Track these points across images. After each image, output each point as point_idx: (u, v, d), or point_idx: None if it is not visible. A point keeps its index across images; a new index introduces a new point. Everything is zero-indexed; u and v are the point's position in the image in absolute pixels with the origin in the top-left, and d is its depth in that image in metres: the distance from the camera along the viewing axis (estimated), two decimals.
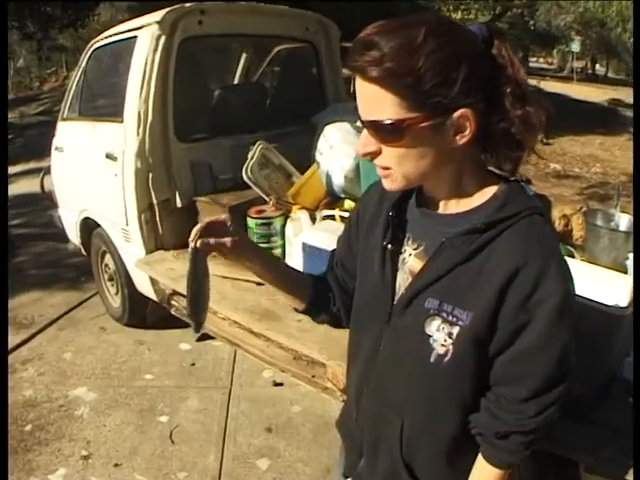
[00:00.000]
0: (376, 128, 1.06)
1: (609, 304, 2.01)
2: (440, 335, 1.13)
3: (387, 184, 1.15)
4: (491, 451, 1.19)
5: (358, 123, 1.09)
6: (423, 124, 1.03)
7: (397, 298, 1.24)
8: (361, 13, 13.66)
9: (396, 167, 1.09)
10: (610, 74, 28.18)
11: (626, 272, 2.62)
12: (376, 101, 1.03)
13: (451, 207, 1.18)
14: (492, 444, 1.18)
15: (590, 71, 28.67)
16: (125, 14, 14.97)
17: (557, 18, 12.51)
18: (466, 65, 1.02)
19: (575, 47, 17.02)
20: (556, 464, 2.01)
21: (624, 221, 2.93)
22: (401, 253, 1.26)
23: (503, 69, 1.09)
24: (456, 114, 1.03)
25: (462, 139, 1.06)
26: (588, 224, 2.86)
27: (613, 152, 11.65)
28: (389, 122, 1.03)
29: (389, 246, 1.26)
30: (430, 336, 1.15)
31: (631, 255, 2.66)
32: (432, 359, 1.15)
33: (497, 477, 1.19)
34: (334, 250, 1.55)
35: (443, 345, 1.13)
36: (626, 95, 18.07)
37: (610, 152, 11.63)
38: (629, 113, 15.58)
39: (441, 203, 1.20)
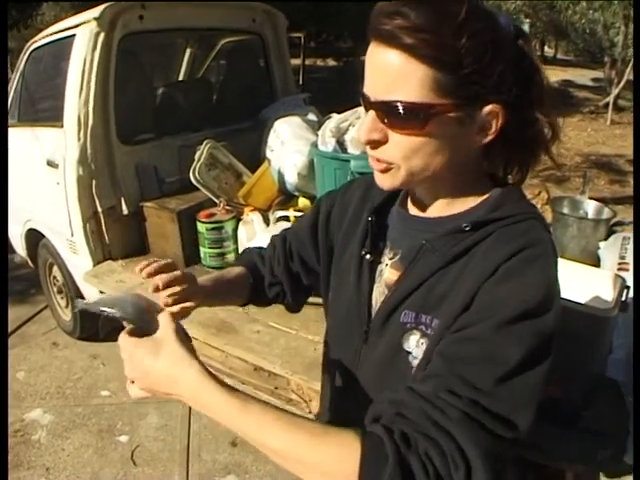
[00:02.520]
0: (392, 111, 0.89)
1: (593, 305, 1.93)
2: (420, 350, 0.99)
3: (383, 180, 1.00)
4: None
5: (360, 110, 0.93)
6: (451, 114, 0.89)
7: (374, 315, 1.09)
8: (306, 3, 13.56)
9: (402, 162, 0.94)
10: (559, 55, 28.50)
11: (597, 262, 2.57)
12: (401, 77, 0.87)
13: (439, 210, 1.05)
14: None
15: (539, 53, 29.06)
16: (69, 13, 14.63)
17: (507, 2, 12.53)
18: (503, 57, 0.90)
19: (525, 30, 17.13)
20: (541, 472, 1.93)
21: (592, 208, 2.86)
22: (380, 263, 1.12)
23: (531, 70, 0.97)
24: (486, 109, 0.91)
25: (484, 138, 0.95)
26: (555, 212, 2.79)
27: (567, 133, 11.70)
28: (413, 105, 0.87)
29: (367, 256, 1.12)
30: (409, 352, 1.00)
31: (603, 244, 2.60)
32: (413, 377, 1.00)
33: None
34: (285, 237, 1.40)
35: None
36: (576, 76, 18.33)
37: (563, 133, 11.52)
38: (580, 94, 15.77)
39: (429, 206, 1.06)
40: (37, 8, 17.97)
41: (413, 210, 1.10)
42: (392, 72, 0.88)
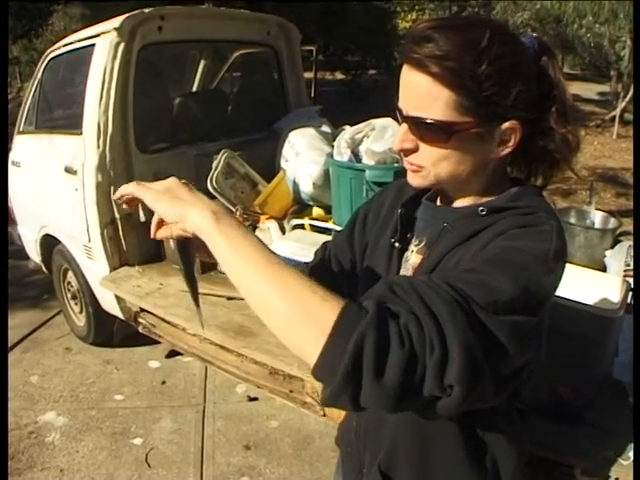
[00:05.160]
0: (421, 126, 1.00)
1: (600, 307, 1.99)
2: None
3: (414, 180, 1.09)
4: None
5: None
6: (472, 130, 0.99)
7: None
8: (311, 15, 13.66)
9: (431, 167, 1.04)
10: (566, 69, 28.58)
11: (603, 270, 2.62)
12: (428, 98, 0.98)
13: (463, 203, 1.14)
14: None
15: None
16: (79, 23, 14.72)
17: (514, 16, 12.63)
18: (522, 78, 0.99)
19: None
20: (548, 467, 1.99)
21: (599, 218, 2.92)
22: (407, 251, 1.21)
23: (550, 87, 1.07)
24: (505, 125, 1.01)
25: (504, 151, 1.04)
26: (562, 222, 2.83)
27: None
28: (438, 122, 0.98)
29: (397, 244, 1.21)
30: None
31: (609, 252, 2.65)
32: None
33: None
34: (326, 245, 1.46)
35: None
36: (582, 90, 18.35)
37: None
38: (587, 108, 15.80)
39: (454, 201, 1.15)
40: (47, 18, 18.07)
41: (442, 203, 1.19)
42: (421, 93, 0.98)
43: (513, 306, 0.85)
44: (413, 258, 1.18)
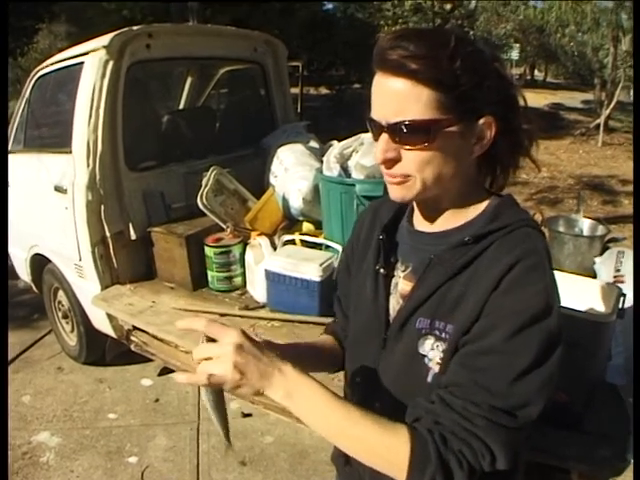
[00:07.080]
0: (403, 130, 1.01)
1: (592, 312, 2.02)
2: (435, 353, 1.09)
3: (399, 192, 1.09)
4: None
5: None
6: (453, 127, 1.02)
7: (391, 323, 1.19)
8: (295, 31, 13.77)
9: (417, 173, 1.05)
10: (549, 79, 28.82)
11: (593, 277, 2.64)
12: (408, 101, 1.00)
13: (443, 223, 1.16)
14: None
15: (529, 77, 29.32)
16: (64, 42, 14.72)
17: (497, 27, 12.77)
18: (491, 74, 1.05)
19: (514, 55, 17.39)
20: (545, 472, 2.00)
21: (587, 226, 2.96)
22: (393, 277, 1.22)
23: (509, 85, 1.10)
24: (481, 121, 1.04)
25: (481, 148, 1.07)
26: (551, 231, 2.87)
27: (558, 156, 11.85)
28: (421, 122, 0.99)
29: (381, 270, 1.22)
30: (425, 356, 1.10)
31: (598, 259, 2.68)
32: (429, 379, 1.10)
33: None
34: (337, 294, 1.50)
35: (439, 363, 1.09)
36: (566, 99, 18.51)
37: (555, 156, 11.81)
38: (571, 116, 15.93)
39: (434, 220, 1.17)
40: (32, 36, 18.01)
41: (420, 226, 1.20)
42: (401, 97, 1.00)
43: (535, 363, 0.98)
44: (401, 285, 1.20)
